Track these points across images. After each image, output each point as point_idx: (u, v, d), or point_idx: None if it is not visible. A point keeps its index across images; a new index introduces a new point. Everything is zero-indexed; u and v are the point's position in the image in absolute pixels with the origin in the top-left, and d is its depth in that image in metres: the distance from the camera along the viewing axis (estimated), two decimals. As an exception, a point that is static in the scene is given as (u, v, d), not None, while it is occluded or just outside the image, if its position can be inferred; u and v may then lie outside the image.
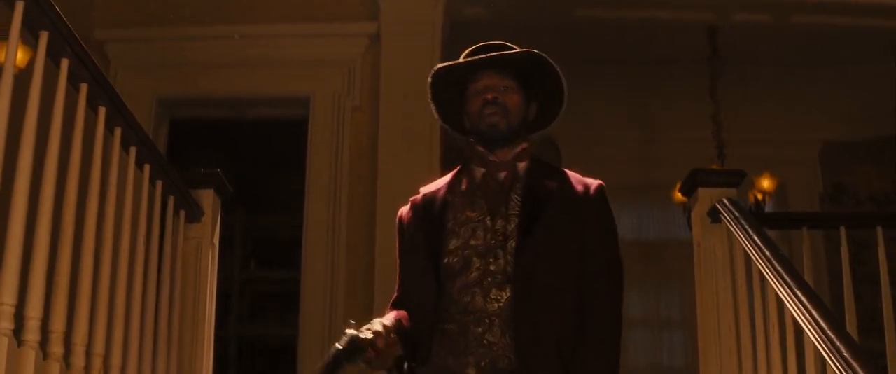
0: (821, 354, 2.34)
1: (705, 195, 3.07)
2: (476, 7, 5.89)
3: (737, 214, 2.88)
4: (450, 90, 2.19)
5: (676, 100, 6.50)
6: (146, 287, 2.63)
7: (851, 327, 3.12)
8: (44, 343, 2.02)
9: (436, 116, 2.23)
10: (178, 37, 5.21)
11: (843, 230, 3.21)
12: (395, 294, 2.20)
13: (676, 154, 6.15)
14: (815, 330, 2.34)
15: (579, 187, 2.15)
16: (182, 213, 2.95)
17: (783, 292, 2.57)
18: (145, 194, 2.63)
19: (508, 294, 2.03)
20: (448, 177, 2.22)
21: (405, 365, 2.06)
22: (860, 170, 7.04)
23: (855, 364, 2.10)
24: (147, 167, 2.63)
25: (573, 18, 6.23)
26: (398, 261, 2.21)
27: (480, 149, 2.15)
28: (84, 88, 2.21)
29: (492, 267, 2.05)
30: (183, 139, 5.43)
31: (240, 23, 5.28)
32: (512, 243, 2.06)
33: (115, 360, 2.41)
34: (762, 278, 2.75)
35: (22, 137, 1.94)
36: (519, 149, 2.15)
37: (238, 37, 5.14)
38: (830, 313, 2.41)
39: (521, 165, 2.16)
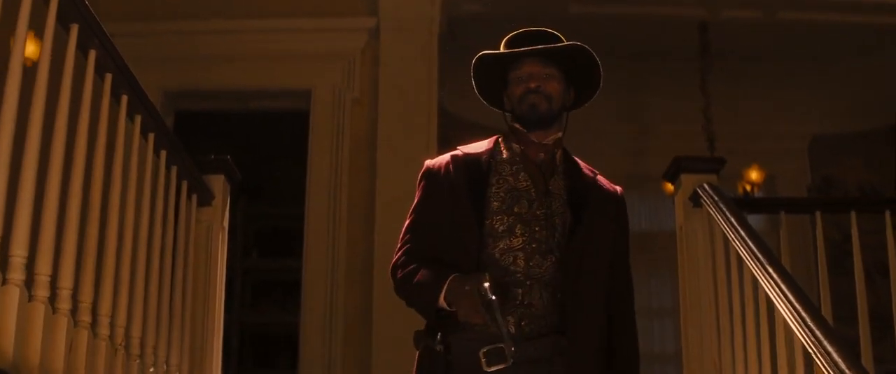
0: (796, 333, 2.53)
1: (688, 181, 3.28)
2: (473, 3, 6.08)
3: (716, 198, 3.09)
4: (491, 73, 2.29)
5: (668, 94, 6.70)
6: (162, 265, 2.83)
7: (826, 310, 3.30)
8: (74, 312, 2.22)
9: (478, 95, 2.33)
10: (184, 31, 5.40)
11: (818, 215, 3.41)
12: (404, 249, 2.21)
13: (667, 147, 6.32)
14: (788, 308, 2.54)
15: (610, 189, 2.33)
16: (194, 197, 3.15)
17: (758, 271, 2.78)
18: (162, 177, 2.83)
19: (550, 263, 2.14)
20: (488, 143, 2.29)
21: (439, 337, 2.10)
22: (848, 162, 7.24)
23: (826, 343, 2.27)
24: (163, 153, 2.83)
25: (568, 14, 6.41)
26: (419, 209, 2.24)
27: (520, 128, 2.24)
28: (109, 77, 2.41)
29: (538, 235, 2.15)
30: (187, 130, 5.63)
31: (243, 17, 5.48)
32: (557, 219, 2.17)
33: (135, 331, 2.61)
34: (740, 259, 2.95)
35: (56, 124, 2.14)
36: (556, 135, 2.25)
37: (246, 31, 5.32)
38: (802, 291, 2.60)
39: (558, 153, 2.27)
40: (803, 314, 2.45)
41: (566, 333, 2.12)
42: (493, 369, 2.03)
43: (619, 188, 2.37)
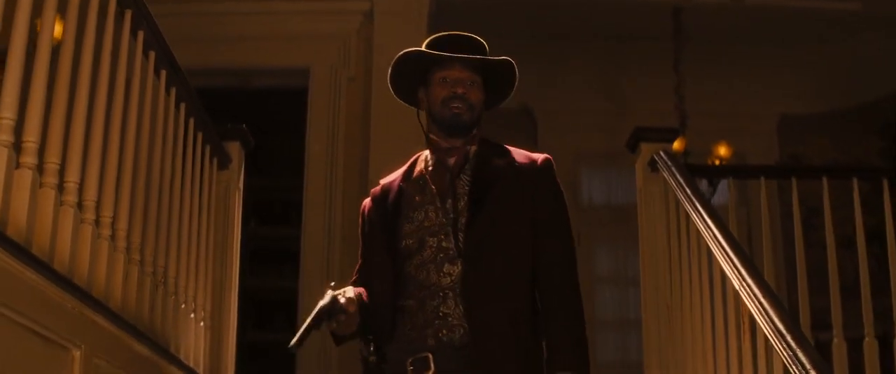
0: (733, 282, 3.02)
1: (646, 149, 3.81)
2: (460, -13, 6.57)
3: (670, 164, 3.62)
4: (411, 69, 2.36)
5: (643, 74, 7.22)
6: (191, 217, 3.35)
7: (769, 276, 3.78)
8: (128, 249, 2.75)
9: (390, 87, 2.40)
10: (189, 12, 5.86)
11: (762, 180, 3.95)
12: (354, 277, 2.39)
13: (643, 125, 6.88)
14: (729, 264, 3.02)
15: (526, 161, 2.34)
16: (215, 160, 3.68)
17: (702, 228, 3.30)
18: (191, 142, 3.35)
19: (459, 269, 2.20)
20: (404, 167, 2.41)
21: (372, 346, 2.23)
22: (815, 141, 7.74)
23: (759, 294, 2.72)
24: (191, 121, 3.35)
25: (549, -2, 6.93)
26: (361, 246, 2.41)
27: (434, 137, 2.32)
28: (152, 55, 2.93)
29: (444, 244, 2.22)
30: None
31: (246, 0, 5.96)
32: (462, 220, 2.23)
33: (171, 272, 3.14)
34: (689, 218, 3.48)
35: (114, 95, 2.65)
36: (472, 134, 2.33)
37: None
38: (741, 247, 3.12)
39: (472, 149, 2.33)
40: (737, 261, 2.97)
41: (472, 341, 2.16)
42: None
43: (541, 156, 2.37)
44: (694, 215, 3.34)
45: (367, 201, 2.44)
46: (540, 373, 2.21)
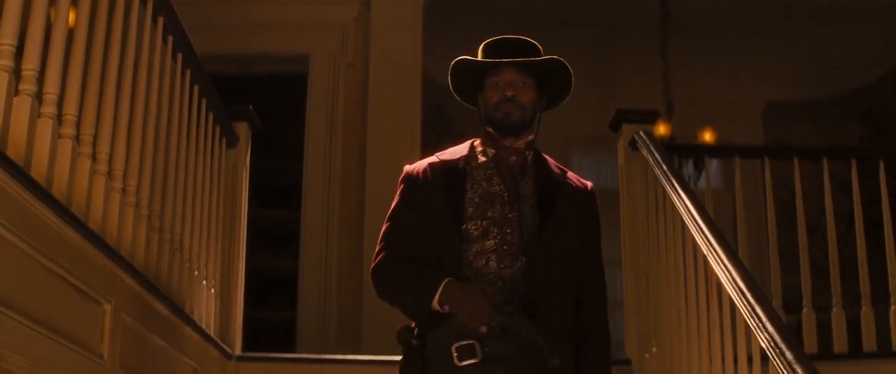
0: (710, 256, 3.29)
1: (627, 129, 4.11)
2: (455, -23, 6.85)
3: (649, 143, 3.91)
4: (469, 73, 2.42)
5: (631, 62, 7.51)
6: (203, 190, 3.64)
7: (743, 253, 4.07)
8: (150, 217, 3.04)
9: (453, 92, 2.46)
10: (195, 1, 6.14)
11: (737, 160, 4.25)
12: (384, 253, 2.36)
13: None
14: (700, 233, 3.31)
15: (580, 185, 2.46)
16: (224, 139, 3.96)
17: (677, 202, 3.60)
18: (203, 121, 3.64)
19: (520, 263, 2.28)
20: (463, 149, 2.43)
21: (416, 330, 2.28)
22: (799, 128, 8.04)
23: (723, 256, 2.99)
24: (203, 101, 3.63)
25: (543, -13, 7.21)
26: (398, 212, 2.40)
27: (493, 133, 2.38)
28: (171, 39, 3.21)
29: (509, 238, 2.29)
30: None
31: (249, -12, 6.23)
32: (528, 220, 2.30)
33: (187, 241, 3.43)
34: (666, 193, 3.78)
35: (138, 77, 2.94)
36: (529, 138, 2.38)
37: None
38: (710, 217, 3.41)
39: (529, 155, 2.41)
40: (706, 230, 3.26)
41: (537, 333, 2.23)
42: (464, 363, 2.20)
43: (589, 184, 2.50)
44: (670, 190, 3.63)
45: (418, 168, 2.43)
46: None
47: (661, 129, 6.91)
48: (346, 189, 6.21)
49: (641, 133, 3.98)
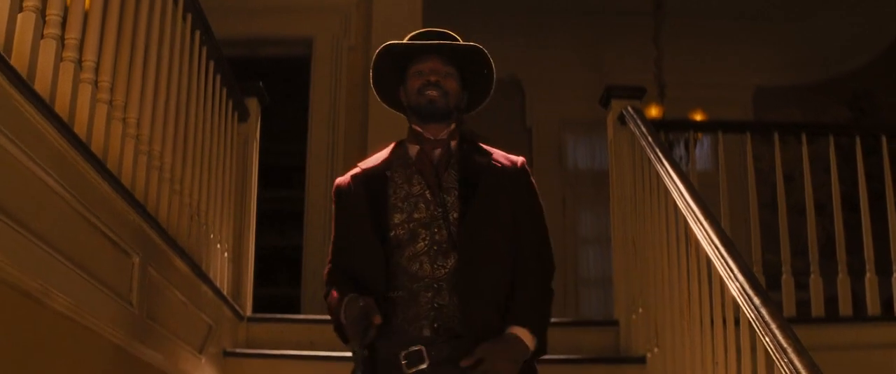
0: (689, 217, 3.56)
1: (616, 105, 4.38)
2: (453, -37, 7.12)
3: (637, 118, 4.18)
4: (392, 68, 2.48)
5: (625, 47, 7.79)
6: (217, 160, 3.91)
7: (725, 222, 4.33)
8: (172, 180, 3.30)
9: (372, 87, 2.53)
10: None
11: (720, 135, 4.53)
12: (329, 266, 2.44)
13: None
14: (682, 199, 3.58)
15: (507, 162, 2.46)
16: (236, 114, 4.23)
17: (662, 172, 3.86)
18: (218, 96, 3.91)
19: (453, 261, 2.29)
20: (385, 154, 2.47)
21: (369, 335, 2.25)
22: (787, 112, 8.32)
23: (711, 232, 3.26)
24: (218, 77, 3.90)
25: (538, -25, 7.49)
26: (334, 231, 2.47)
27: (416, 127, 2.41)
28: (189, 17, 3.48)
29: (437, 237, 2.30)
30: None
31: (253, -26, 6.48)
32: (454, 214, 2.32)
33: (202, 206, 3.70)
34: (650, 163, 4.05)
35: (161, 52, 3.21)
36: (451, 128, 2.41)
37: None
38: (693, 185, 3.68)
39: (453, 144, 2.42)
40: (687, 197, 3.53)
41: (468, 331, 2.25)
42: (412, 370, 2.24)
43: (519, 160, 2.50)
44: (655, 161, 3.90)
45: (343, 182, 2.49)
46: (532, 360, 2.33)
47: (654, 111, 7.20)
48: (348, 168, 6.42)
49: (629, 108, 4.25)
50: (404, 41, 2.48)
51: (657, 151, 3.88)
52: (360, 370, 2.22)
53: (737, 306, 2.94)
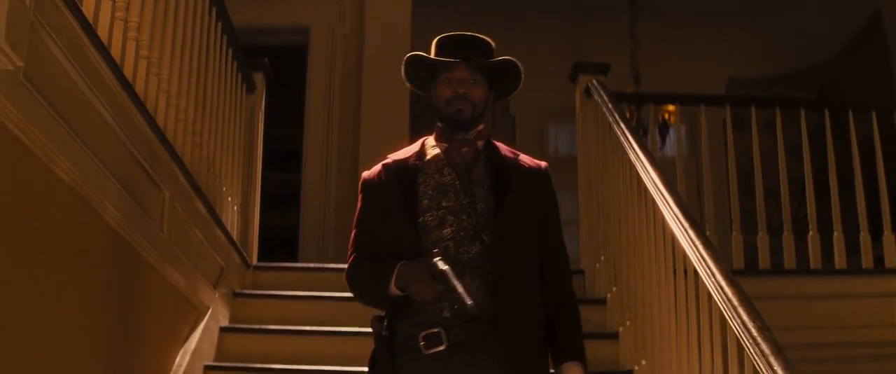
0: (643, 175, 4.17)
1: (583, 79, 5.03)
2: (442, -44, 7.76)
3: (600, 89, 4.82)
4: (423, 67, 2.57)
5: (603, 41, 8.43)
6: (228, 123, 4.54)
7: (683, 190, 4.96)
8: (193, 133, 3.93)
9: (406, 82, 2.63)
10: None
11: (677, 107, 5.17)
12: (352, 257, 2.55)
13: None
14: (639, 161, 4.19)
15: (533, 165, 2.60)
16: (244, 86, 4.87)
17: (621, 138, 4.48)
18: (230, 67, 4.54)
19: (477, 248, 2.42)
20: (415, 147, 2.59)
21: (385, 321, 2.42)
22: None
23: (662, 188, 3.88)
24: (230, 51, 4.53)
25: (522, -29, 8.13)
26: (361, 217, 2.57)
27: (444, 127, 2.54)
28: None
29: (465, 223, 2.43)
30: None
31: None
32: (481, 205, 2.45)
33: (217, 159, 4.33)
34: (610, 128, 4.67)
35: (187, 27, 3.84)
36: (478, 129, 2.54)
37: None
38: (647, 147, 4.30)
39: (480, 144, 2.56)
40: (642, 155, 4.15)
41: (498, 314, 2.36)
42: (431, 351, 2.33)
43: (543, 164, 2.64)
44: (615, 127, 4.54)
45: (374, 172, 2.59)
46: (545, 350, 2.48)
47: (627, 96, 7.81)
48: (343, 150, 7.05)
49: (594, 82, 4.89)
50: (433, 47, 2.57)
51: (616, 115, 4.52)
52: (379, 349, 2.39)
53: (680, 248, 3.50)
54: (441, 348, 2.33)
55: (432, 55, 2.56)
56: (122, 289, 3.14)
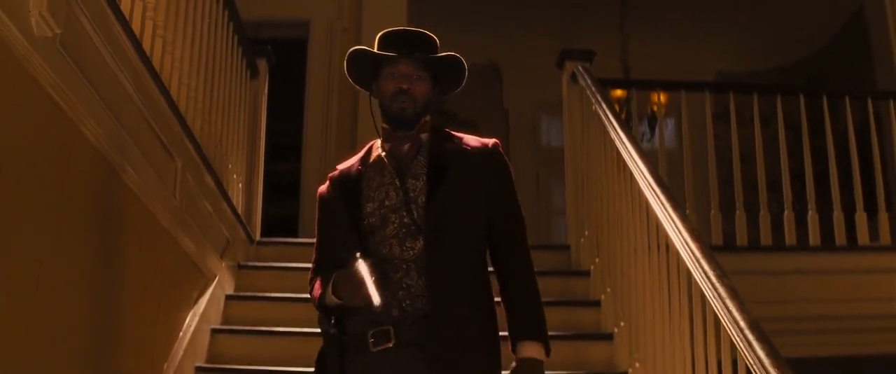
0: (623, 150, 4.51)
1: (569, 65, 5.37)
2: (436, -48, 8.11)
3: (585, 75, 5.16)
4: (366, 62, 2.58)
5: (593, 35, 8.75)
6: (234, 106, 4.88)
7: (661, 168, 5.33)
8: (203, 112, 4.27)
9: (348, 77, 2.63)
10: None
11: (659, 94, 5.50)
12: (313, 266, 2.60)
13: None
14: (619, 139, 4.53)
15: (478, 144, 2.58)
16: (248, 72, 5.21)
17: (604, 120, 4.82)
18: (236, 53, 4.89)
19: (421, 243, 2.41)
20: (361, 153, 2.62)
21: (332, 319, 2.42)
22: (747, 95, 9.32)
23: (639, 161, 4.24)
24: (236, 37, 4.88)
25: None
26: (318, 231, 2.63)
27: (386, 126, 2.56)
28: (216, -15, 4.48)
29: (406, 220, 2.43)
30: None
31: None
32: (422, 198, 2.45)
33: (224, 138, 4.67)
34: (596, 114, 5.02)
35: (197, 12, 4.18)
36: (421, 123, 2.53)
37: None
38: (628, 126, 4.65)
39: (424, 136, 2.55)
40: (623, 136, 4.48)
41: (433, 312, 2.36)
42: (378, 348, 2.35)
43: (490, 141, 2.61)
44: (598, 109, 4.88)
45: (324, 187, 2.65)
46: (497, 338, 2.45)
47: (618, 92, 8.18)
48: (341, 142, 7.38)
49: (579, 68, 5.24)
50: (377, 42, 2.59)
51: (599, 98, 4.86)
52: (328, 347, 2.42)
53: (654, 216, 3.83)
54: (389, 345, 2.36)
55: (375, 50, 2.57)
56: (140, 247, 3.48)
